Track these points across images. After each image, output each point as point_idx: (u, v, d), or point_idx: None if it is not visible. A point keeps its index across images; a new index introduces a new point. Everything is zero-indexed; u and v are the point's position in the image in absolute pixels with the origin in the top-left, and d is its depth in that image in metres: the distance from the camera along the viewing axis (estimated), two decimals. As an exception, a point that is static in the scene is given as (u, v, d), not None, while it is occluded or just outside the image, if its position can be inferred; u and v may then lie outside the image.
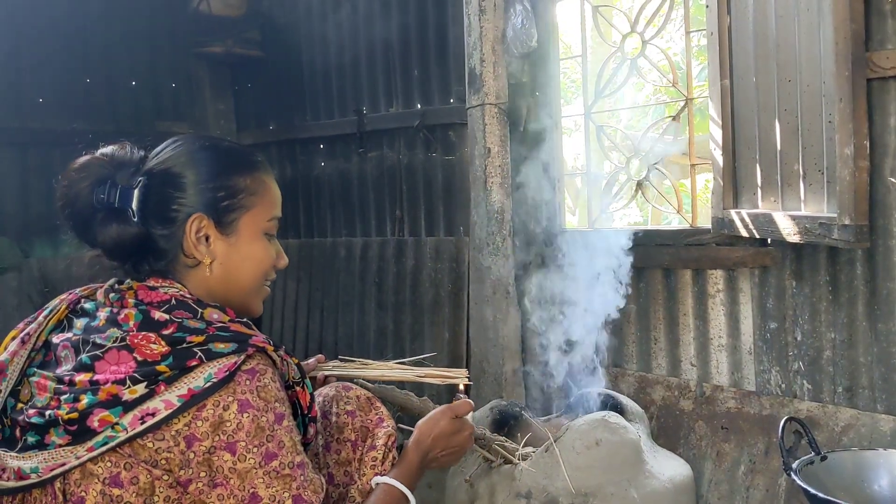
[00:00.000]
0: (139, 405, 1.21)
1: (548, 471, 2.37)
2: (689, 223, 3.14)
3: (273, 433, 1.26)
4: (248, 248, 1.42)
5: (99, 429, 1.21)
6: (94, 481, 1.22)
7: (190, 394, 1.21)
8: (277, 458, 1.25)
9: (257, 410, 1.24)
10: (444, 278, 3.79)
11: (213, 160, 1.41)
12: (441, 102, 3.79)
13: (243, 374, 1.26)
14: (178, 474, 1.23)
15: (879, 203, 2.37)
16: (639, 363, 3.18)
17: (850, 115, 2.10)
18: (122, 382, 1.22)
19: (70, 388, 1.25)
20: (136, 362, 1.24)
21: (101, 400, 1.21)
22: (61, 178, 1.37)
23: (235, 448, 1.22)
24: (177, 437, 1.21)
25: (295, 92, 4.48)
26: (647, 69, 3.29)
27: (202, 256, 1.38)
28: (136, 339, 1.26)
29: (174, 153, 1.40)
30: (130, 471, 1.22)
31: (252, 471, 1.23)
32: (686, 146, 3.09)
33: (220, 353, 1.26)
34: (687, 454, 2.83)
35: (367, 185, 4.19)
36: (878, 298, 2.43)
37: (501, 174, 3.29)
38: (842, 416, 2.53)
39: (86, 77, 4.39)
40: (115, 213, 1.35)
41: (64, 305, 1.41)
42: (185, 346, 1.25)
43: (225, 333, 1.29)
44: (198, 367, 1.24)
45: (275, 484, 1.25)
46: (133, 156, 1.41)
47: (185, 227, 1.36)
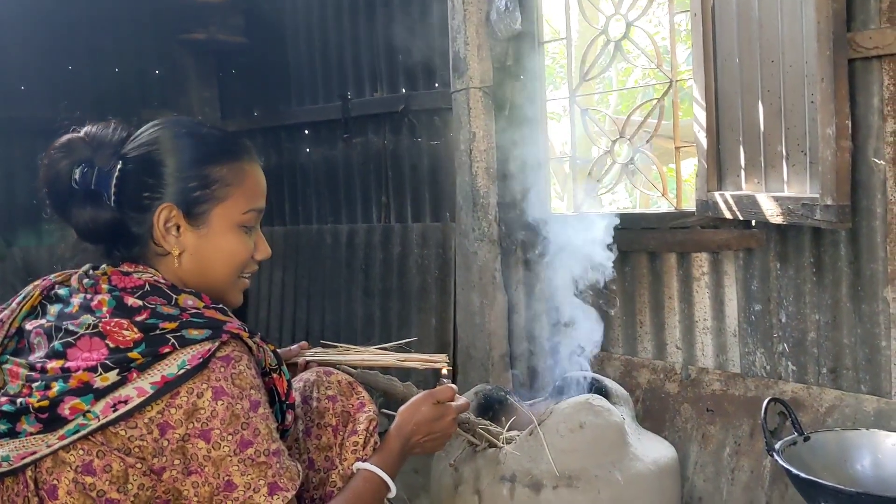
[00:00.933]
0: (111, 392, 1.19)
1: (532, 454, 2.37)
2: (675, 206, 3.14)
3: (248, 420, 1.24)
4: (220, 241, 1.38)
5: (70, 416, 1.19)
6: (66, 469, 1.20)
7: (163, 381, 1.20)
8: (252, 446, 1.24)
9: (232, 398, 1.23)
10: (430, 264, 3.78)
11: (189, 148, 1.37)
12: (426, 87, 3.77)
13: (218, 361, 1.24)
14: (152, 462, 1.21)
15: (863, 184, 2.37)
16: (625, 347, 3.18)
17: (832, 95, 2.09)
18: (93, 370, 1.20)
19: (42, 375, 1.23)
20: (109, 349, 1.22)
21: (72, 387, 1.20)
22: (43, 157, 1.36)
23: (210, 436, 1.21)
24: (150, 424, 1.20)
25: (279, 78, 4.45)
26: (634, 55, 3.28)
27: (170, 247, 1.35)
28: (108, 325, 1.24)
29: (151, 138, 1.37)
30: (103, 458, 1.20)
31: (227, 458, 1.22)
32: (671, 129, 3.08)
33: (193, 340, 1.24)
34: (672, 437, 2.83)
35: (353, 172, 4.17)
36: (861, 279, 2.43)
37: (487, 159, 3.28)
38: (826, 397, 2.53)
39: (69, 64, 4.35)
40: (91, 196, 1.34)
41: (37, 292, 1.39)
42: (157, 333, 1.23)
43: (199, 320, 1.27)
44: (171, 354, 1.22)
45: (250, 471, 1.23)
46: (114, 136, 1.37)
47: (154, 216, 1.34)
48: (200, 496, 1.23)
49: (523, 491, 2.33)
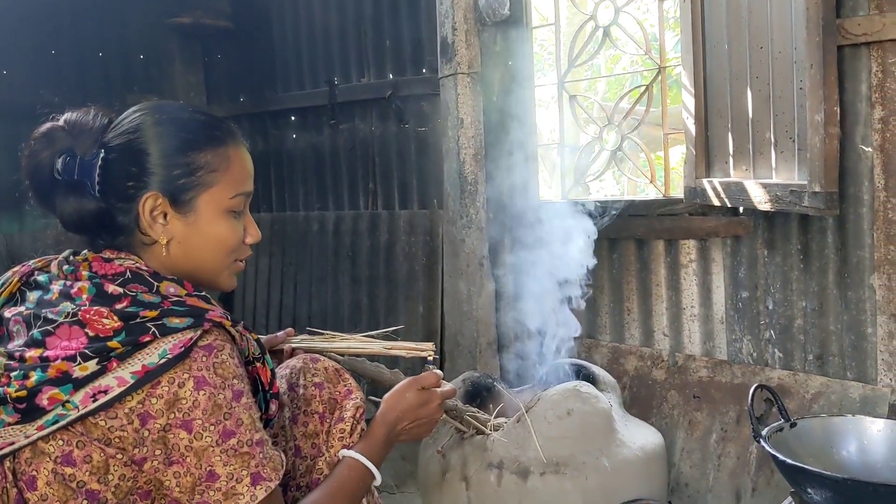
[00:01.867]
0: (90, 382, 1.17)
1: (520, 441, 2.37)
2: (663, 193, 3.14)
3: (231, 410, 1.22)
4: (208, 228, 1.36)
5: (49, 407, 1.17)
6: (45, 460, 1.18)
7: (144, 370, 1.18)
8: (235, 436, 1.22)
9: (214, 388, 1.21)
10: (418, 252, 3.77)
11: (172, 134, 1.34)
12: (413, 73, 3.74)
13: (200, 350, 1.22)
14: (133, 453, 1.20)
15: (850, 171, 2.37)
16: (612, 334, 3.18)
17: (821, 81, 2.09)
18: (72, 359, 1.18)
19: (20, 364, 1.21)
20: (88, 338, 1.20)
21: (51, 377, 1.17)
22: (24, 147, 1.32)
23: (192, 426, 1.19)
24: (130, 414, 1.18)
25: (265, 63, 4.41)
26: (622, 42, 3.26)
27: (157, 235, 1.33)
28: (87, 314, 1.21)
29: (133, 126, 1.34)
30: (83, 449, 1.18)
31: (209, 449, 1.20)
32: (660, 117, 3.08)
33: (174, 329, 1.21)
34: (659, 423, 2.84)
35: (340, 158, 4.14)
36: (848, 266, 2.44)
37: (475, 145, 3.26)
38: (812, 384, 2.54)
39: (52, 48, 4.30)
40: (74, 186, 1.31)
41: (16, 278, 1.36)
42: (138, 322, 1.21)
43: (180, 308, 1.25)
44: (151, 343, 1.20)
45: (232, 462, 1.22)
46: (95, 124, 1.34)
47: (139, 205, 1.31)
48: (182, 486, 1.22)
49: (511, 478, 2.33)
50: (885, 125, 2.29)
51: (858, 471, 1.84)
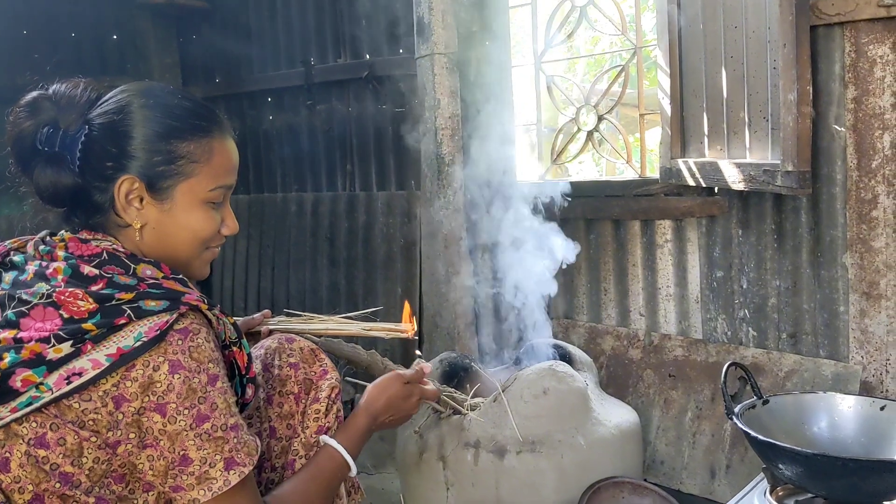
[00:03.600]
0: (64, 364, 1.17)
1: (496, 420, 2.38)
2: (639, 174, 3.14)
3: (205, 395, 1.22)
4: (183, 217, 1.34)
5: (22, 389, 1.16)
6: (18, 442, 1.17)
7: (119, 353, 1.17)
8: (209, 421, 1.22)
9: (189, 371, 1.20)
10: (396, 233, 3.76)
11: (157, 120, 1.31)
12: (390, 53, 3.72)
13: (175, 333, 1.21)
14: (107, 436, 1.19)
15: (824, 151, 2.39)
16: (589, 314, 3.20)
17: (794, 60, 2.10)
18: (46, 341, 1.17)
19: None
20: (63, 319, 1.18)
21: (24, 359, 1.16)
22: (9, 113, 1.31)
23: (166, 410, 1.19)
24: (104, 397, 1.17)
25: (241, 44, 4.36)
26: (600, 22, 3.25)
27: (131, 220, 1.32)
28: (62, 295, 1.20)
29: (118, 106, 1.31)
30: (57, 431, 1.17)
31: (183, 433, 1.20)
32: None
33: (150, 312, 1.20)
34: (635, 402, 2.86)
35: (317, 139, 4.11)
36: (821, 246, 2.46)
37: (452, 126, 3.25)
38: (786, 362, 2.57)
39: (24, 29, 4.23)
40: (55, 158, 1.29)
41: None
42: (113, 304, 1.20)
43: (156, 290, 1.24)
44: (127, 326, 1.19)
45: (206, 446, 1.21)
46: (83, 98, 1.32)
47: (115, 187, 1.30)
48: (156, 470, 1.21)
49: (487, 457, 2.34)
50: (858, 105, 2.31)
51: (829, 446, 1.86)
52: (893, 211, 2.29)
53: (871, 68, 2.28)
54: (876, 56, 2.26)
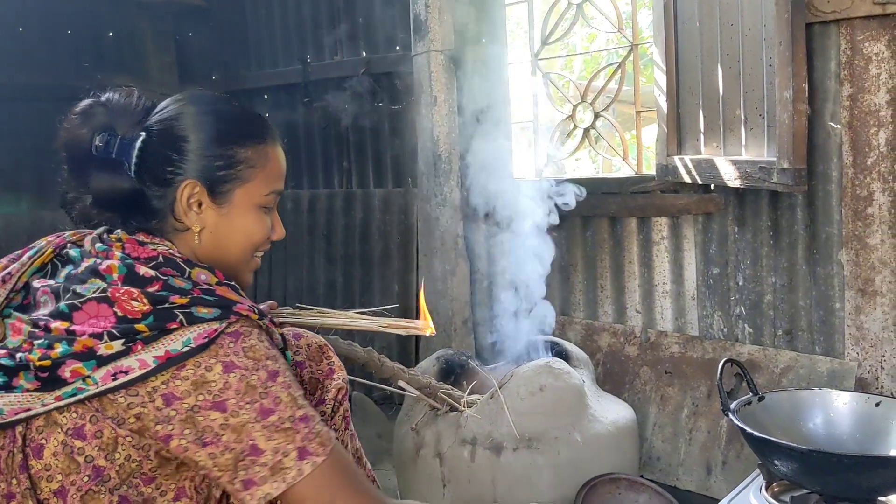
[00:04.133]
0: (113, 361, 1.17)
1: (493, 417, 2.38)
2: (636, 171, 3.15)
3: (266, 391, 1.19)
4: (240, 221, 1.37)
5: (70, 379, 1.17)
6: (56, 430, 1.18)
7: (166, 356, 1.17)
8: (275, 413, 1.19)
9: (245, 370, 1.19)
10: (393, 230, 3.76)
11: (216, 126, 1.35)
12: (386, 50, 3.72)
13: (226, 337, 1.20)
14: (155, 430, 1.18)
15: (819, 148, 2.40)
16: (586, 311, 3.20)
17: (790, 58, 2.10)
18: (99, 336, 1.17)
19: (45, 333, 1.21)
20: (116, 317, 1.19)
21: (76, 351, 1.17)
22: (63, 120, 1.33)
23: (225, 406, 1.17)
24: (152, 393, 1.17)
25: (238, 41, 4.36)
26: (597, 20, 3.26)
27: (191, 223, 1.34)
28: (117, 292, 1.20)
29: (176, 112, 1.34)
30: (95, 424, 1.18)
31: (248, 425, 1.17)
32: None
33: (201, 319, 1.21)
34: (632, 399, 2.87)
35: (314, 137, 4.11)
36: (817, 243, 2.47)
37: (448, 123, 3.25)
38: (781, 359, 2.58)
39: (20, 27, 4.22)
40: (111, 164, 1.31)
41: (50, 249, 1.37)
42: (166, 307, 1.20)
43: (209, 297, 1.24)
44: (177, 331, 1.19)
45: (276, 437, 1.18)
46: (137, 106, 1.35)
47: (177, 191, 1.32)
48: (221, 465, 1.18)
49: (484, 453, 2.35)
50: (854, 102, 2.32)
51: (824, 443, 1.86)
52: (889, 208, 2.30)
53: (866, 65, 2.28)
54: (871, 53, 2.27)
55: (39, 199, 4.35)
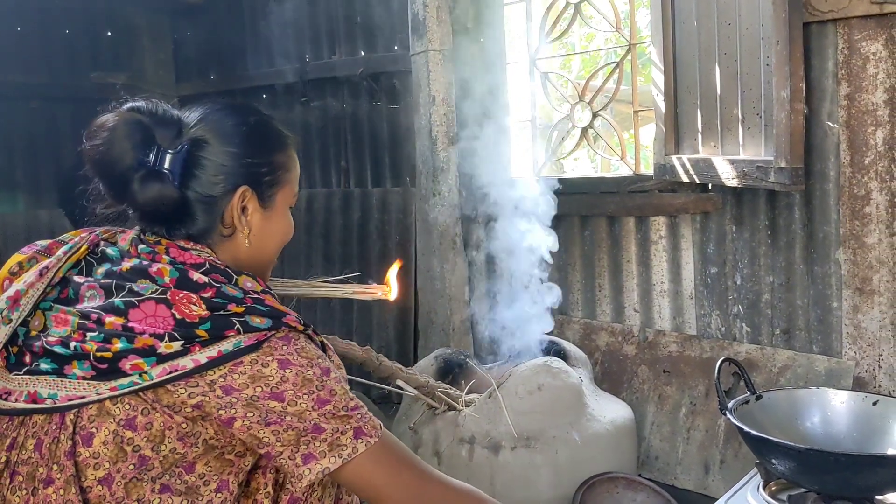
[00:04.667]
0: (171, 360, 1.21)
1: (491, 416, 2.39)
2: (633, 171, 3.15)
3: (322, 384, 1.24)
4: (279, 222, 1.43)
5: (129, 372, 1.21)
6: (109, 420, 1.21)
7: (219, 354, 1.21)
8: (330, 403, 1.24)
9: (300, 367, 1.24)
10: (391, 229, 3.76)
11: (258, 135, 1.40)
12: (385, 49, 3.72)
13: (277, 339, 1.25)
14: (218, 414, 1.22)
15: (817, 147, 2.40)
16: (584, 310, 3.21)
17: (787, 57, 2.10)
18: (160, 337, 1.21)
19: (98, 326, 1.23)
20: (175, 320, 1.22)
21: (137, 348, 1.21)
22: (93, 134, 1.32)
23: (283, 396, 1.22)
24: (212, 385, 1.21)
25: (236, 40, 4.36)
26: (595, 20, 3.26)
27: (242, 228, 1.38)
28: (176, 296, 1.24)
29: (216, 123, 1.38)
30: (146, 416, 1.22)
31: (307, 412, 1.23)
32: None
33: (255, 328, 1.25)
34: (630, 398, 2.87)
35: (312, 136, 4.11)
36: (814, 242, 2.47)
37: (447, 122, 3.25)
38: (779, 358, 2.58)
39: (17, 25, 4.22)
40: (155, 175, 1.32)
41: (84, 245, 1.39)
42: (224, 314, 1.24)
43: (261, 307, 1.28)
44: (232, 337, 1.23)
45: (333, 421, 1.24)
46: (171, 116, 1.37)
47: (229, 196, 1.35)
48: (284, 440, 1.23)
49: (482, 452, 2.35)
50: (851, 102, 2.32)
51: (821, 441, 1.86)
52: (886, 207, 2.30)
53: (863, 65, 2.28)
54: (869, 53, 2.27)
55: (36, 198, 4.36)
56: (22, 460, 1.24)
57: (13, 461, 1.24)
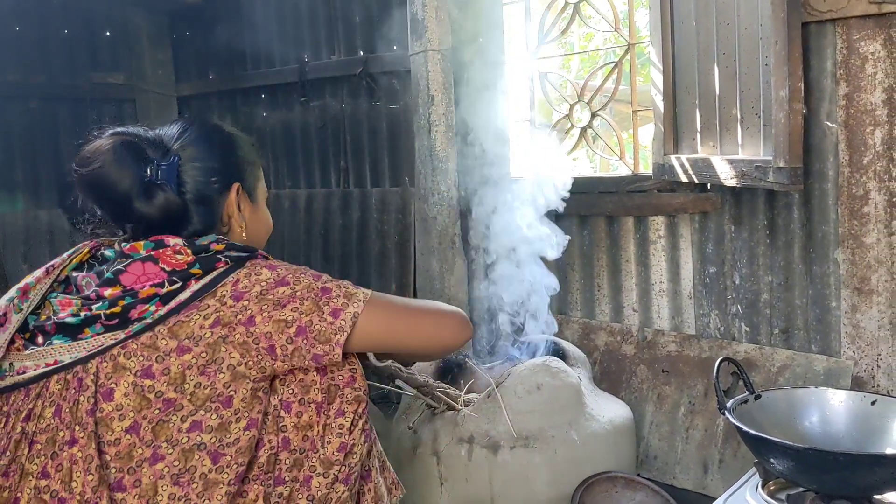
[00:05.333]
0: (173, 297, 1.35)
1: (490, 416, 2.39)
2: (632, 170, 3.15)
3: (307, 269, 1.43)
4: (262, 213, 1.61)
5: (139, 317, 1.33)
6: (126, 374, 1.30)
7: (211, 279, 1.37)
8: (323, 276, 1.43)
9: (286, 266, 1.43)
10: (390, 229, 3.77)
11: (231, 138, 1.57)
12: (384, 50, 3.72)
13: (256, 259, 1.44)
14: (238, 319, 1.33)
15: (815, 147, 2.40)
16: (583, 310, 3.21)
17: (786, 57, 2.10)
18: (160, 285, 1.35)
19: (100, 299, 1.35)
20: (166, 272, 1.36)
21: (142, 297, 1.34)
22: (87, 160, 1.41)
23: (287, 280, 1.38)
24: (223, 298, 1.35)
25: (235, 40, 4.35)
26: (594, 20, 3.26)
27: (238, 222, 1.53)
28: (159, 253, 1.39)
29: (196, 133, 1.51)
30: (162, 363, 1.30)
31: (311, 284, 1.39)
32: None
33: (237, 258, 1.42)
34: (629, 397, 2.87)
35: (311, 136, 4.11)
36: (813, 241, 2.47)
37: (446, 122, 3.25)
38: (778, 357, 2.58)
39: (15, 25, 4.22)
40: (156, 187, 1.43)
41: (87, 249, 1.51)
42: (209, 254, 1.40)
43: (237, 244, 1.46)
44: (222, 268, 1.40)
45: (334, 283, 1.42)
46: (154, 135, 1.50)
47: (226, 194, 1.51)
48: (305, 310, 1.36)
49: (481, 452, 2.35)
50: (850, 101, 2.32)
51: (820, 441, 1.87)
52: (885, 207, 2.30)
53: (862, 65, 2.29)
54: (867, 53, 2.27)
55: (35, 198, 4.36)
56: (40, 429, 1.31)
57: (30, 431, 1.31)
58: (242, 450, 1.35)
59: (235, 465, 1.34)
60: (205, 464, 1.32)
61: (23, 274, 1.53)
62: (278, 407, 1.41)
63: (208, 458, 1.32)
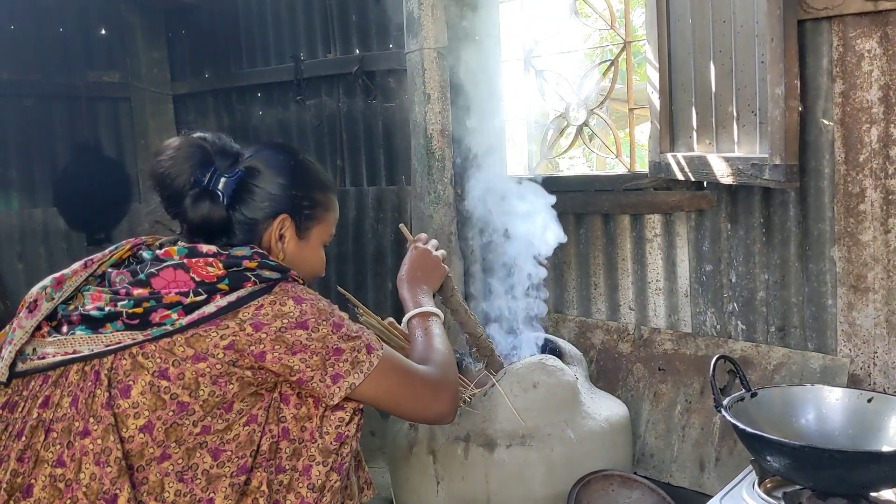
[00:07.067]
0: (196, 309, 1.36)
1: (486, 414, 2.38)
2: (628, 168, 3.15)
3: (332, 312, 1.43)
4: (310, 254, 1.60)
5: (160, 322, 1.35)
6: (143, 373, 1.33)
7: (237, 298, 1.37)
8: (343, 327, 1.42)
9: (312, 300, 1.42)
10: (386, 228, 3.76)
11: (304, 173, 1.59)
12: (380, 48, 3.71)
13: (285, 283, 1.43)
14: (250, 350, 1.35)
15: (811, 145, 2.40)
16: (579, 308, 3.21)
17: (782, 54, 2.11)
18: (185, 294, 1.36)
19: (128, 297, 1.37)
20: (195, 282, 1.37)
21: (165, 303, 1.36)
22: (160, 152, 1.49)
23: (307, 324, 1.39)
24: (242, 323, 1.36)
25: (231, 38, 4.35)
26: (591, 18, 3.26)
27: (277, 251, 1.54)
28: (192, 262, 1.40)
29: (270, 158, 1.55)
30: (178, 367, 1.33)
31: (328, 336, 1.40)
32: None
33: (268, 279, 1.42)
34: (625, 396, 2.87)
35: (307, 134, 4.10)
36: (809, 239, 2.47)
37: (441, 121, 3.24)
38: (774, 355, 2.59)
39: (10, 24, 4.20)
40: (207, 195, 1.47)
41: (128, 246, 1.55)
42: (240, 270, 1.40)
43: (270, 262, 1.45)
44: (250, 287, 1.40)
45: (348, 342, 1.42)
46: (231, 147, 1.55)
47: (269, 222, 1.53)
48: (312, 366, 1.39)
49: (477, 450, 2.35)
50: (846, 99, 2.32)
51: (816, 438, 1.87)
52: (881, 204, 2.31)
53: (858, 62, 2.29)
54: (863, 50, 2.27)
55: (31, 197, 4.35)
56: (57, 417, 1.34)
57: (47, 419, 1.35)
58: (243, 444, 1.40)
59: (237, 458, 1.39)
60: (206, 461, 1.37)
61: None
62: (277, 399, 1.48)
63: (209, 456, 1.37)
